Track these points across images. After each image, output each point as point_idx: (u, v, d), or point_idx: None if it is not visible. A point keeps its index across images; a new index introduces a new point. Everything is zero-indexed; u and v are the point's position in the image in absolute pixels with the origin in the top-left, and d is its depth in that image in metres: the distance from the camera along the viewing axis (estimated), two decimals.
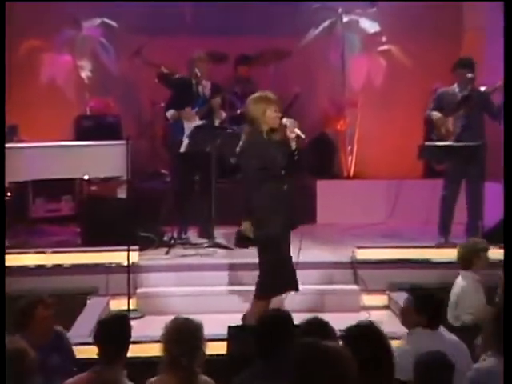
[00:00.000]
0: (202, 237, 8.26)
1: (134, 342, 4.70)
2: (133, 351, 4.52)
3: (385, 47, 10.10)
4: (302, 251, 7.75)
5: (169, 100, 8.42)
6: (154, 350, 4.40)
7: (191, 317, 4.13)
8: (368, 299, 7.21)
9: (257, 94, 6.35)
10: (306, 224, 9.05)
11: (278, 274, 6.18)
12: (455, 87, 7.86)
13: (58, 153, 7.93)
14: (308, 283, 7.21)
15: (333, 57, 10.26)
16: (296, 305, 6.74)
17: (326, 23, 10.19)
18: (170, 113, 8.21)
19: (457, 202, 7.86)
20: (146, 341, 5.64)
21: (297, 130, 6.20)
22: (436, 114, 7.81)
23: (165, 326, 4.09)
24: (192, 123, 8.12)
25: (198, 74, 8.12)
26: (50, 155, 7.85)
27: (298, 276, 6.24)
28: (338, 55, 10.26)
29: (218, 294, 7.10)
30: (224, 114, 8.44)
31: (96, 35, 10.16)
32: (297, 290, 6.29)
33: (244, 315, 6.39)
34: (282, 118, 6.24)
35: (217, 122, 8.19)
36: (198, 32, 9.84)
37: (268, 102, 6.23)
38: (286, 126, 6.20)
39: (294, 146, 6.20)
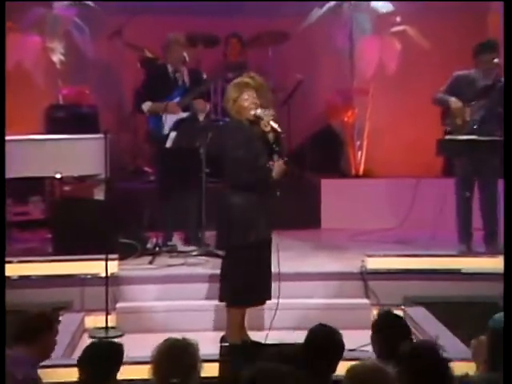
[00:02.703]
0: (191, 244, 8.26)
1: None
2: None
3: (399, 28, 10.05)
4: (305, 260, 7.80)
5: (140, 89, 8.37)
6: (136, 373, 4.37)
7: (186, 336, 4.11)
8: None
9: (236, 80, 6.31)
10: (310, 229, 9.16)
11: (255, 285, 6.24)
12: (476, 73, 7.82)
13: (26, 148, 7.91)
14: (312, 297, 7.24)
15: (339, 40, 10.23)
16: (298, 321, 6.75)
17: (332, 3, 10.17)
18: (147, 105, 8.13)
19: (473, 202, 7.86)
20: (127, 362, 5.59)
21: (272, 123, 6.13)
22: (456, 102, 7.75)
23: (156, 346, 4.07)
24: (175, 116, 8.08)
25: (174, 59, 8.11)
26: (17, 151, 7.80)
27: (298, 288, 6.21)
28: (345, 38, 10.23)
29: (209, 309, 7.06)
30: (208, 107, 8.34)
31: (69, 15, 10.11)
32: (263, 303, 6.40)
33: (222, 336, 6.39)
34: (257, 108, 6.16)
35: (201, 117, 8.10)
36: (187, 11, 9.84)
37: (243, 87, 6.18)
38: (260, 117, 6.13)
39: (272, 140, 6.15)
